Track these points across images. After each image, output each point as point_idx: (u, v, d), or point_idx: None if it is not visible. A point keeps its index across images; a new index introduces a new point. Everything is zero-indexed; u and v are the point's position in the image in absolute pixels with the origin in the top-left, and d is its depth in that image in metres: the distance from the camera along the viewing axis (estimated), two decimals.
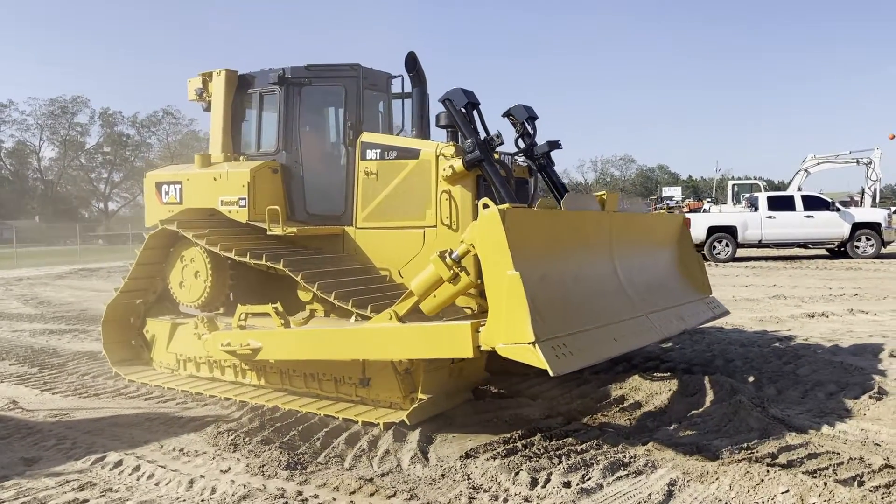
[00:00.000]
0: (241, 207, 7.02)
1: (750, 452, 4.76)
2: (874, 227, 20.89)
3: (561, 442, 5.13)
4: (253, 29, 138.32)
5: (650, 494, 4.20)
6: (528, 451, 4.93)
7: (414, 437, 5.29)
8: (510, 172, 6.58)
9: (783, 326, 9.84)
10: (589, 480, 4.41)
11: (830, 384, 6.46)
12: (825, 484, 4.03)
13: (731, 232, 21.15)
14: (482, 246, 4.72)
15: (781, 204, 21.32)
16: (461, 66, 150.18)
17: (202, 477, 4.69)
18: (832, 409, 5.78)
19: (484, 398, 6.40)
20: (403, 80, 7.46)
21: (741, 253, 22.21)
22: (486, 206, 4.74)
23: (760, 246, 21.60)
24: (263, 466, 4.79)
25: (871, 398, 5.92)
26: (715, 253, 21.14)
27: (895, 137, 27.99)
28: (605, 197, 6.16)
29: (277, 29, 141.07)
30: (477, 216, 6.17)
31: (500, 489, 4.36)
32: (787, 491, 4.02)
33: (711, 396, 6.02)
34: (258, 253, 6.43)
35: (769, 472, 4.25)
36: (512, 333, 4.48)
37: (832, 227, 20.83)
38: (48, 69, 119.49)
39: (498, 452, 4.90)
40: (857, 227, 20.81)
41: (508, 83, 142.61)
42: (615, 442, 5.11)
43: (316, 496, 4.35)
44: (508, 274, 4.51)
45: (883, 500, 3.93)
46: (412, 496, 4.31)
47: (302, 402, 6.19)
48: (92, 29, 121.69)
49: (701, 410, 5.79)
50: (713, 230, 21.24)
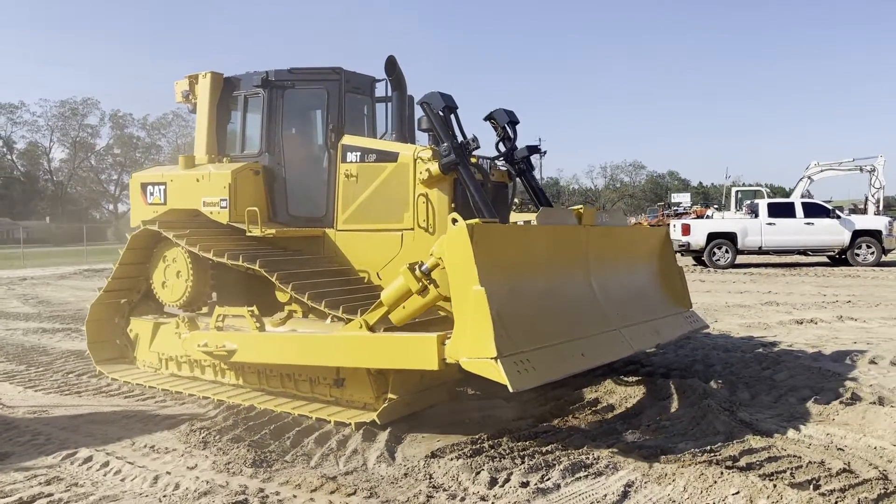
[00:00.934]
0: (222, 208, 7.10)
1: (712, 455, 4.79)
2: (875, 234, 20.79)
3: (527, 443, 5.17)
4: (263, 32, 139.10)
5: (605, 495, 4.23)
6: (493, 451, 4.96)
7: (383, 436, 5.34)
8: (487, 177, 6.63)
9: (770, 332, 9.83)
10: (547, 481, 4.45)
11: (805, 389, 6.47)
12: (775, 486, 4.05)
13: (730, 238, 21.10)
14: (450, 260, 4.80)
15: (782, 211, 21.26)
16: (470, 72, 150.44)
17: (168, 473, 4.75)
18: (801, 413, 5.79)
19: (459, 399, 6.45)
20: (387, 83, 7.52)
21: (741, 259, 22.16)
22: (455, 220, 4.79)
23: (760, 253, 21.53)
24: (229, 464, 4.85)
25: (841, 403, 5.92)
26: (714, 259, 21.10)
27: None
28: (581, 211, 6.20)
29: (290, 31, 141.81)
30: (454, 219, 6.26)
31: (459, 488, 4.40)
32: (737, 493, 4.05)
33: (683, 400, 6.04)
34: (235, 254, 6.51)
35: (723, 474, 4.28)
36: (475, 348, 4.56)
37: (832, 234, 20.75)
38: (59, 70, 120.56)
39: (463, 452, 4.94)
40: (857, 234, 20.71)
41: (520, 90, 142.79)
42: (580, 444, 5.15)
43: (277, 493, 4.40)
44: (474, 289, 4.58)
45: (833, 503, 3.95)
46: (371, 494, 4.36)
47: (277, 401, 6.25)
48: (104, 31, 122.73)
49: (671, 414, 5.81)
50: (713, 236, 21.19)
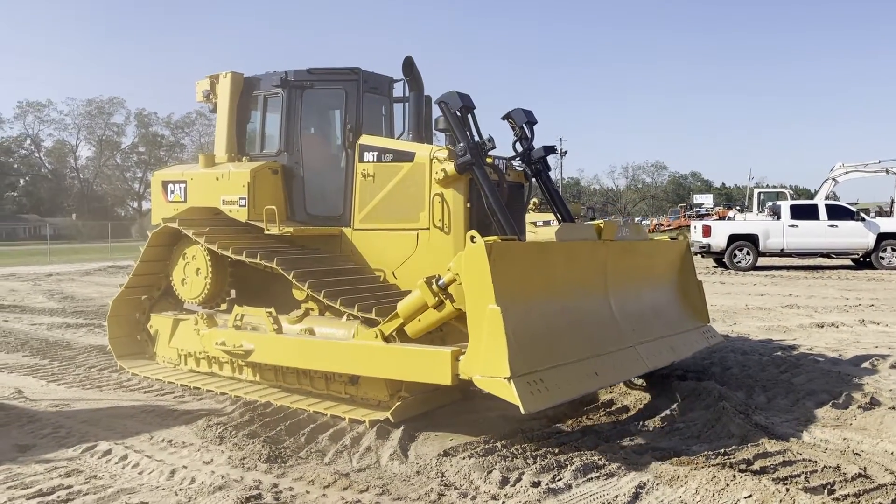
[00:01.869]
0: (241, 207, 7.18)
1: (725, 458, 4.76)
2: None
3: (539, 443, 5.18)
4: (285, 31, 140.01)
5: (617, 496, 4.23)
6: (505, 451, 4.99)
7: (397, 434, 5.37)
8: (503, 177, 6.64)
9: (789, 336, 9.74)
10: (559, 481, 4.45)
11: (823, 393, 6.41)
12: (788, 490, 4.03)
13: (752, 240, 20.87)
14: (467, 277, 4.82)
15: (805, 212, 20.99)
16: (489, 71, 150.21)
17: (184, 467, 4.83)
18: (818, 417, 5.74)
19: (473, 399, 6.46)
20: (405, 83, 7.56)
21: (763, 262, 21.92)
22: (473, 238, 4.79)
23: (782, 255, 21.28)
24: (244, 459, 4.92)
25: (860, 408, 5.87)
26: (735, 261, 20.89)
27: None
28: (602, 226, 6.18)
29: (313, 29, 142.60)
30: (468, 219, 6.28)
31: (470, 487, 4.43)
32: (749, 496, 4.03)
33: (698, 403, 6.01)
34: (254, 252, 6.58)
35: (736, 477, 4.26)
36: (489, 366, 4.60)
37: (857, 237, 20.46)
38: (87, 69, 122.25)
39: (476, 452, 4.96)
40: (882, 237, 20.41)
41: (542, 88, 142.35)
42: (593, 445, 5.15)
43: (290, 488, 4.45)
44: (490, 308, 4.61)
45: None
46: (384, 491, 4.40)
47: (293, 398, 6.32)
48: (130, 30, 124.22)
49: (685, 416, 5.79)
50: (734, 238, 20.99)
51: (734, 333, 9.92)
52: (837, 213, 20.92)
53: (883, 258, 20.49)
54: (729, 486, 4.18)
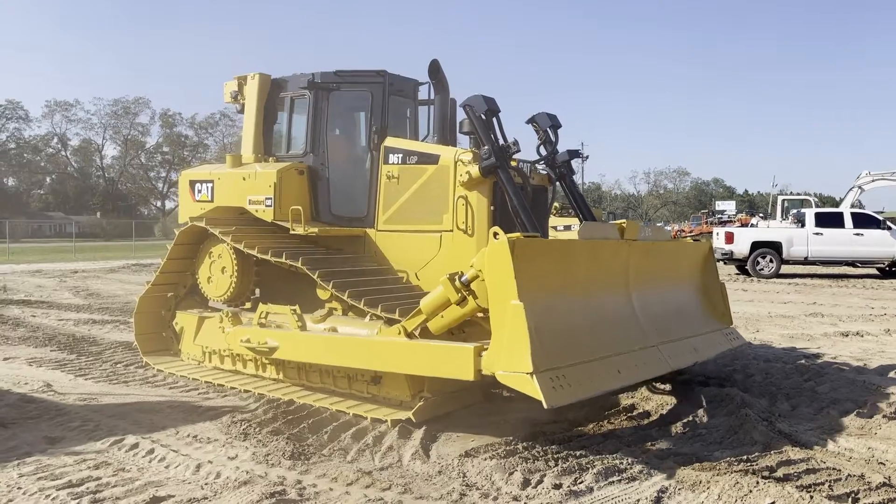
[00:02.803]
0: (267, 207, 7.26)
1: (748, 465, 4.75)
2: None
3: (561, 446, 5.20)
4: (308, 33, 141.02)
5: (638, 500, 4.24)
6: (527, 453, 5.00)
7: (418, 434, 5.41)
8: (527, 180, 6.67)
9: (813, 344, 9.65)
10: (580, 484, 4.46)
11: (847, 402, 6.36)
12: (812, 497, 4.01)
13: (775, 247, 20.68)
14: (490, 273, 4.85)
15: (829, 220, 20.76)
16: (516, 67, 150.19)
17: (210, 462, 4.90)
18: (843, 426, 5.70)
19: (494, 401, 6.49)
20: (430, 86, 7.61)
21: (786, 270, 21.71)
22: (496, 234, 4.83)
23: (806, 263, 21.07)
24: (269, 455, 4.99)
25: (884, 418, 5.82)
26: (758, 268, 20.71)
27: None
28: (624, 225, 6.19)
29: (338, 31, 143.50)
30: (491, 222, 6.31)
31: (492, 487, 4.45)
32: (773, 502, 4.02)
33: (720, 409, 5.99)
34: (279, 251, 6.66)
35: (759, 483, 4.24)
36: (512, 362, 4.62)
37: (882, 245, 20.20)
38: (114, 70, 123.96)
39: (497, 453, 4.99)
40: None
41: (564, 91, 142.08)
42: (615, 448, 5.15)
43: (314, 485, 4.50)
44: (512, 304, 4.64)
45: None
46: (406, 490, 4.44)
47: (316, 396, 6.38)
48: (157, 30, 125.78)
49: (707, 422, 5.77)
50: (757, 245, 20.81)
51: (757, 341, 9.85)
52: (863, 221, 20.68)
53: None
54: (752, 492, 4.16)
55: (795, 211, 24.13)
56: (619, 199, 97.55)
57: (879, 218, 21.09)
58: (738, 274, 21.61)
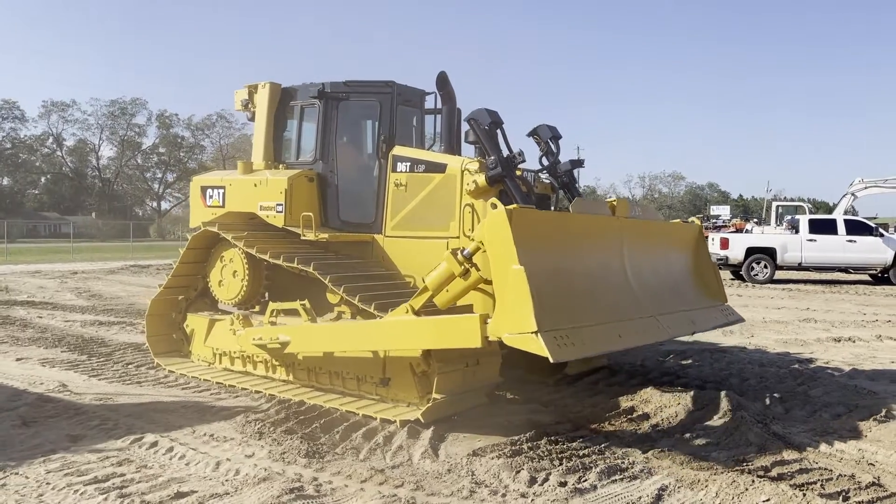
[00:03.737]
0: (278, 213, 7.46)
1: (744, 465, 4.98)
2: None
3: (565, 446, 5.41)
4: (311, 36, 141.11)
5: (640, 497, 4.46)
6: (532, 452, 5.21)
7: (427, 434, 5.62)
8: (531, 188, 6.89)
9: (806, 349, 9.90)
10: (585, 482, 4.68)
11: (839, 406, 6.59)
12: (804, 495, 4.24)
13: (769, 253, 20.97)
14: (490, 242, 5.12)
15: (823, 227, 21.06)
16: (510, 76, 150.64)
17: (228, 460, 5.10)
18: (835, 429, 5.93)
19: (498, 403, 6.70)
20: (436, 96, 7.82)
21: (780, 275, 21.99)
22: (494, 205, 5.10)
23: (800, 269, 21.35)
24: (284, 453, 5.19)
25: (875, 421, 6.05)
26: (753, 274, 20.98)
27: None
28: (615, 203, 6.47)
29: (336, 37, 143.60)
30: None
31: (500, 485, 4.66)
32: (768, 500, 4.24)
33: (717, 412, 6.21)
34: (291, 256, 6.85)
35: (755, 482, 4.47)
36: (517, 323, 4.84)
37: (875, 252, 20.51)
38: (111, 70, 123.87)
39: (504, 452, 5.20)
40: None
41: (560, 95, 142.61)
42: (617, 449, 5.38)
43: (330, 482, 4.71)
44: (513, 268, 4.88)
45: None
46: (418, 487, 4.64)
47: (326, 397, 6.58)
48: (154, 31, 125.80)
49: (705, 424, 5.99)
50: (751, 251, 21.09)
51: (752, 346, 10.10)
52: (856, 228, 20.98)
53: None
54: (748, 490, 4.39)
55: (790, 217, 24.45)
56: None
57: (872, 225, 21.40)
58: (732, 279, 21.87)
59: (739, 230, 31.04)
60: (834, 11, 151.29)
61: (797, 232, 21.19)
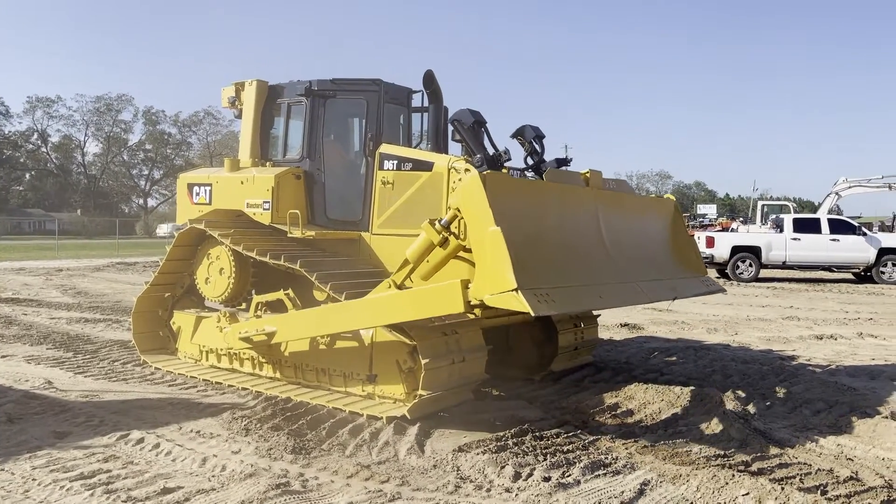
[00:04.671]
0: (265, 210, 7.47)
1: (725, 459, 5.06)
2: None
3: (549, 442, 5.47)
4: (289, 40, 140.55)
5: (623, 492, 4.52)
6: (517, 448, 5.27)
7: (413, 431, 5.66)
8: None
9: (789, 347, 10.02)
10: (568, 477, 4.74)
11: (819, 402, 6.69)
12: (783, 489, 4.31)
13: (754, 252, 21.16)
14: (466, 208, 5.24)
15: (807, 226, 21.28)
16: (502, 81, 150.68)
17: (214, 456, 5.12)
18: (815, 424, 6.03)
19: (484, 399, 6.76)
20: (423, 94, 7.85)
21: (765, 274, 22.20)
22: (467, 170, 5.18)
23: (784, 267, 21.57)
24: (271, 450, 5.21)
25: (854, 417, 6.14)
26: (738, 273, 21.17)
27: None
28: (588, 175, 6.64)
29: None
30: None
31: (485, 480, 4.71)
32: (747, 494, 4.32)
33: (699, 408, 6.29)
34: (277, 253, 6.87)
35: (735, 476, 4.55)
36: (497, 283, 4.93)
37: (858, 251, 20.75)
38: (97, 66, 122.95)
39: (489, 448, 5.25)
40: (883, 252, 20.70)
41: (546, 93, 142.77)
42: (600, 444, 5.44)
43: (316, 478, 4.74)
44: (490, 230, 4.99)
45: None
46: (404, 482, 4.69)
47: (313, 394, 6.61)
48: (139, 28, 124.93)
49: (688, 420, 6.07)
50: (737, 249, 21.27)
51: (735, 343, 10.21)
52: (839, 227, 21.22)
53: (883, 273, 20.77)
54: (728, 484, 4.46)
55: (774, 216, 24.65)
56: None
57: (855, 224, 21.64)
58: (718, 277, 22.05)
59: (725, 229, 31.30)
60: (821, 13, 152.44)
61: (782, 231, 21.40)
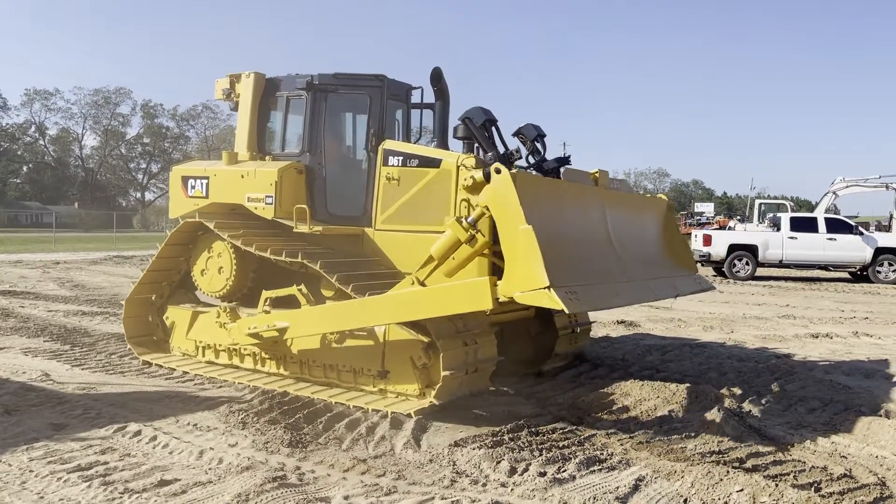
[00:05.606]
0: (267, 205, 7.42)
1: (720, 456, 5.09)
2: None
3: (545, 437, 5.50)
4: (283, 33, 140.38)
5: (618, 487, 4.55)
6: (513, 443, 5.30)
7: (409, 425, 5.69)
8: None
9: (784, 345, 10.06)
10: (564, 472, 4.77)
11: (814, 400, 6.73)
12: (777, 486, 4.35)
13: (751, 250, 21.21)
14: (496, 206, 5.28)
15: (804, 225, 21.33)
16: (497, 82, 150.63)
17: (211, 449, 5.14)
18: (809, 422, 6.07)
19: (481, 395, 6.77)
20: (423, 91, 7.85)
21: (761, 272, 22.25)
22: (497, 170, 5.25)
23: (781, 266, 21.62)
24: (267, 443, 5.24)
25: (849, 415, 6.19)
26: (734, 271, 21.21)
27: None
28: (597, 175, 6.76)
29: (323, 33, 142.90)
30: (493, 223, 6.64)
31: (481, 475, 4.74)
32: (741, 490, 4.35)
33: (695, 405, 6.32)
34: (279, 250, 6.84)
35: (729, 472, 4.58)
36: (528, 281, 4.99)
37: (854, 250, 20.80)
38: (95, 59, 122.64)
39: (485, 443, 5.28)
40: (879, 251, 20.76)
41: (545, 90, 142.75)
42: (596, 440, 5.47)
43: (312, 471, 4.76)
44: (522, 228, 5.05)
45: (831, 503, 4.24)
46: (400, 476, 4.71)
47: (312, 388, 6.61)
48: (138, 22, 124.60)
49: (682, 416, 6.10)
50: (734, 248, 21.31)
51: (731, 341, 10.24)
52: (836, 226, 21.27)
53: (879, 272, 20.84)
54: (722, 480, 4.49)
55: (771, 215, 24.70)
56: None
57: (852, 223, 21.69)
58: (714, 276, 22.10)
59: (723, 227, 31.33)
60: (818, 13, 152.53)
61: (779, 229, 21.44)
